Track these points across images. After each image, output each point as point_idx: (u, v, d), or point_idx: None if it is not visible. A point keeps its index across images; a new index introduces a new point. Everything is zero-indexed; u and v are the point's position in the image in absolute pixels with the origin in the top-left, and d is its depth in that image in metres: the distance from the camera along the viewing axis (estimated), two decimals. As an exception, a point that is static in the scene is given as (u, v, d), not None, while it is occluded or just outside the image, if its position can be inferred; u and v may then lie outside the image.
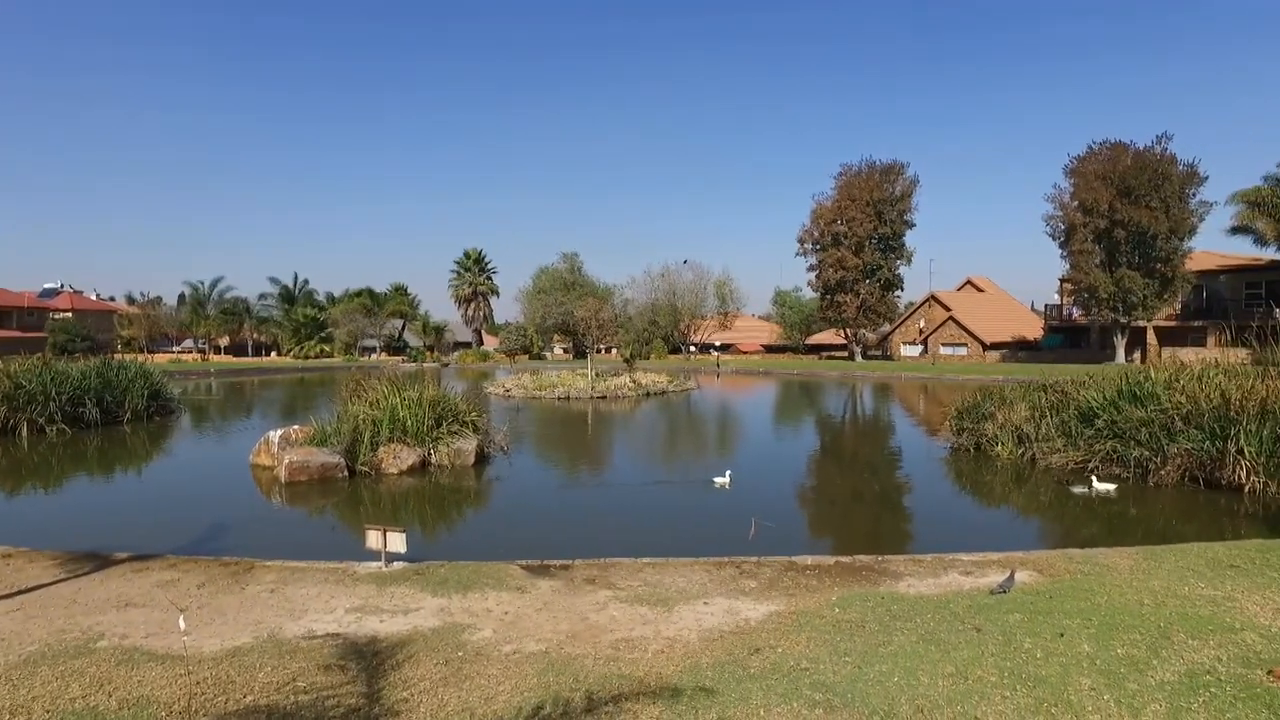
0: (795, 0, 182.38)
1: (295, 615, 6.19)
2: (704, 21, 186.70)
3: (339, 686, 4.71)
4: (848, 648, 5.23)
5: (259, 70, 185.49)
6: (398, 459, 14.19)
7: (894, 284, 59.85)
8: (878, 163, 58.47)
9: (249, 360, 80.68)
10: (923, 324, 66.31)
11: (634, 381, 35.83)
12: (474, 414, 16.48)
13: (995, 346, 60.05)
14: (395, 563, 7.60)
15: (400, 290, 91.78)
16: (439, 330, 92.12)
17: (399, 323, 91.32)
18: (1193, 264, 46.92)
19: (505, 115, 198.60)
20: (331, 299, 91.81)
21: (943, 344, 63.03)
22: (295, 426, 15.22)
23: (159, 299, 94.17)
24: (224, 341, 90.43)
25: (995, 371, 43.77)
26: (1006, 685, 4.57)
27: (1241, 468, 11.53)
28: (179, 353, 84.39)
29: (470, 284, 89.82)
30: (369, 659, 5.18)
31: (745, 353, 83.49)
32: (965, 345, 61.56)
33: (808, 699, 4.43)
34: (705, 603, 6.42)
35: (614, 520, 11.27)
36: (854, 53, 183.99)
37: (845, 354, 65.07)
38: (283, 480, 13.22)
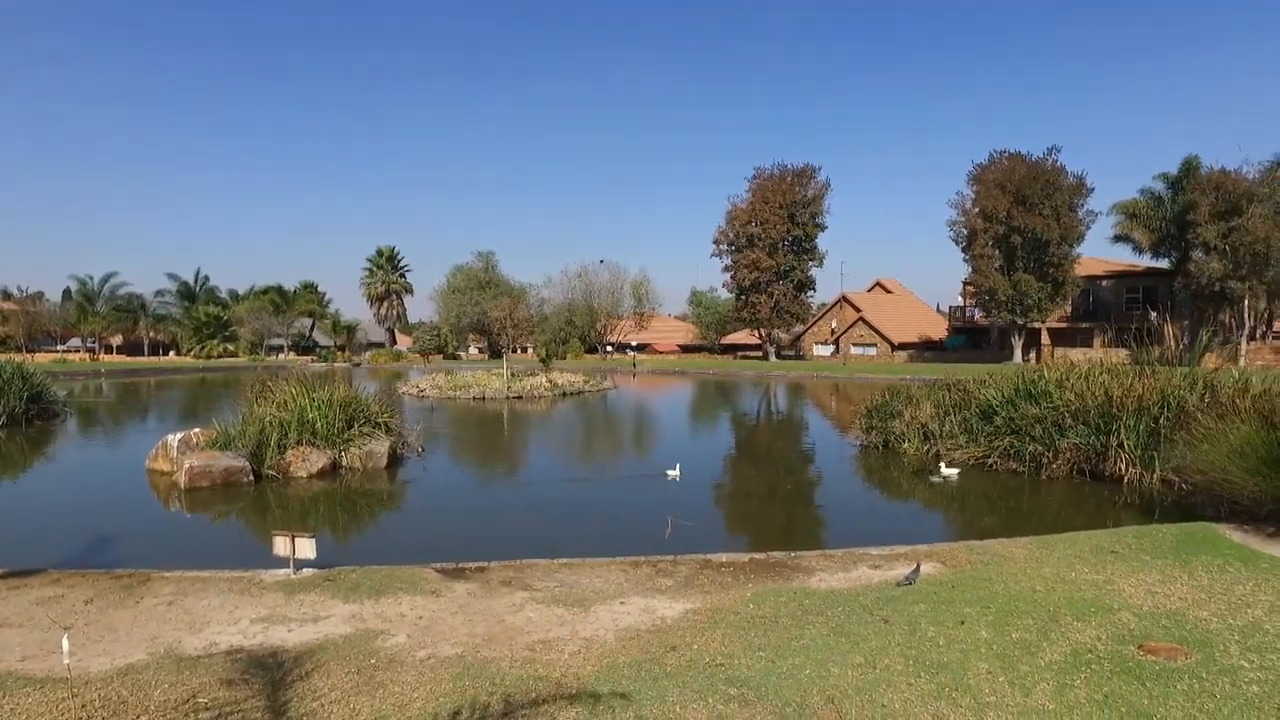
0: (708, 6, 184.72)
1: (196, 628, 5.92)
2: (620, 21, 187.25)
3: (243, 701, 4.53)
4: (761, 642, 5.35)
5: (163, 60, 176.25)
6: (307, 462, 13.74)
7: (806, 285, 61.33)
8: (790, 166, 59.84)
9: (145, 360, 76.66)
10: (834, 324, 68.16)
11: (550, 381, 35.69)
12: (387, 415, 16.14)
13: (903, 346, 62.27)
14: (304, 569, 7.36)
15: (310, 288, 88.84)
16: (350, 329, 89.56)
17: (308, 322, 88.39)
18: (1081, 269, 49.75)
19: (417, 113, 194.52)
20: (236, 296, 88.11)
21: (853, 344, 64.95)
22: (196, 429, 14.52)
23: (40, 294, 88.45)
24: (116, 340, 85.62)
25: (903, 371, 45.40)
26: (911, 672, 4.76)
27: (1122, 460, 12.35)
28: (64, 352, 79.42)
29: (383, 282, 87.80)
30: (276, 670, 5.00)
31: (662, 353, 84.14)
32: (875, 345, 63.60)
33: (723, 694, 4.51)
34: (622, 602, 6.46)
35: (531, 521, 11.20)
36: (770, 59, 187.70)
37: (760, 354, 66.31)
38: (183, 486, 12.61)
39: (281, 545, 7.29)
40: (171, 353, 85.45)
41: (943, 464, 13.52)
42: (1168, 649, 5.01)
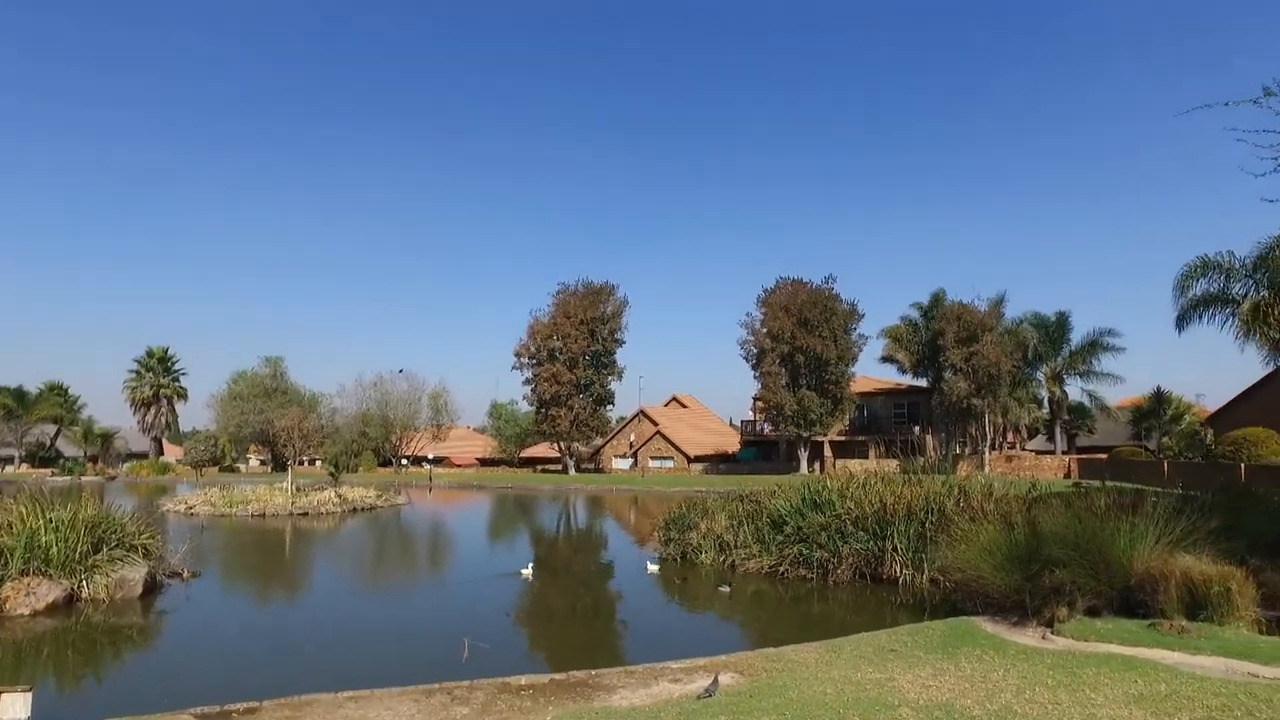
0: (505, 121, 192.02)
1: None
2: (428, 132, 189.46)
3: None
4: (563, 768, 5.08)
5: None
6: (32, 596, 11.73)
7: (606, 399, 62.61)
8: (592, 283, 62.01)
9: None
10: (633, 438, 69.67)
11: (339, 496, 33.47)
12: (146, 536, 14.28)
13: (699, 459, 64.55)
14: (18, 728, 6.15)
15: (57, 390, 78.20)
16: (106, 438, 79.47)
17: (53, 428, 77.58)
18: (856, 387, 54.69)
19: (206, 214, 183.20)
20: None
21: (651, 457, 66.51)
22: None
23: None
24: None
25: (699, 483, 46.87)
26: (713, 788, 4.69)
27: (896, 563, 13.39)
28: None
29: (152, 386, 77.89)
30: None
31: (459, 466, 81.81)
32: (672, 458, 65.48)
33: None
34: (413, 736, 5.93)
35: (313, 651, 10.17)
36: (570, 177, 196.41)
37: (559, 467, 66.15)
38: None
39: (-12, 700, 6.08)
40: None
41: (721, 588, 13.82)
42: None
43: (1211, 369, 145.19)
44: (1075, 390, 52.04)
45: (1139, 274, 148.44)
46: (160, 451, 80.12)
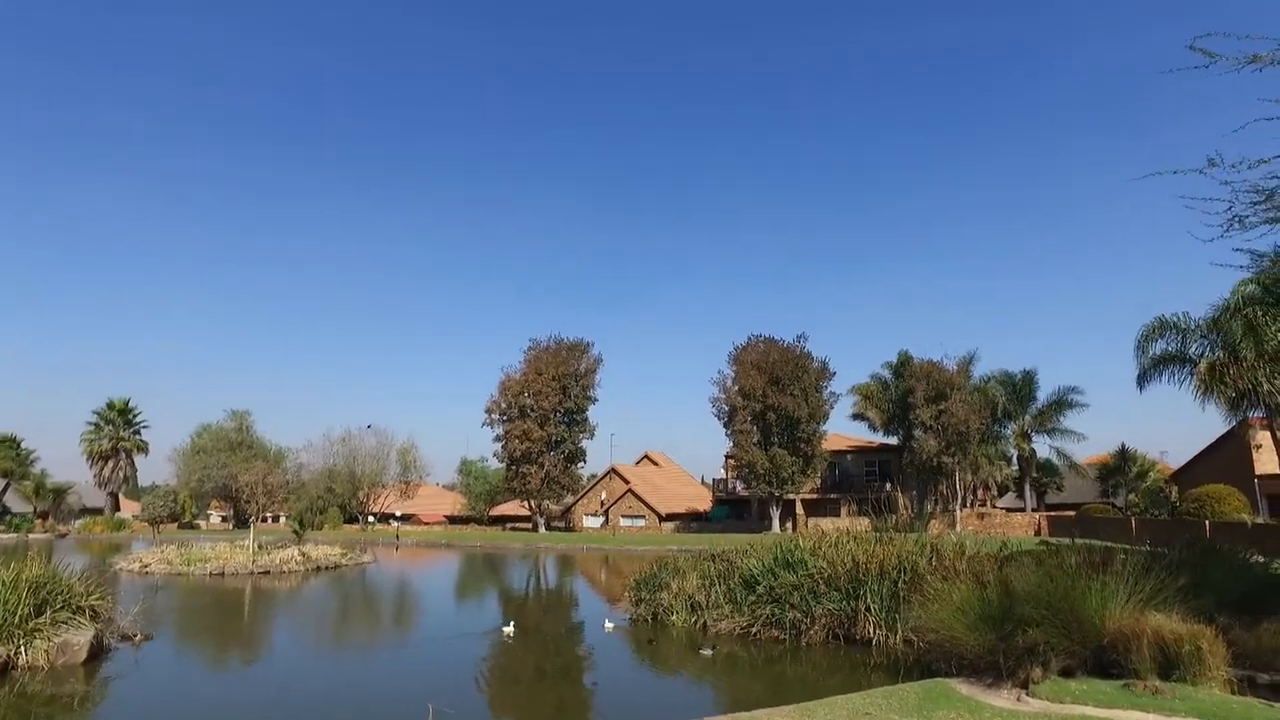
0: (479, 174, 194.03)
1: None
2: (400, 185, 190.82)
3: None
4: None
5: None
6: (-39, 663, 11.11)
7: (577, 456, 62.12)
8: (565, 340, 62.06)
9: None
10: (604, 496, 68.99)
11: (303, 554, 32.60)
12: (95, 597, 13.68)
13: (670, 518, 63.88)
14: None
15: (8, 442, 75.71)
16: (58, 493, 76.89)
17: (1, 483, 74.99)
18: (827, 445, 54.75)
19: (175, 262, 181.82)
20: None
21: (623, 515, 65.77)
22: None
23: None
24: None
25: (670, 542, 46.30)
26: None
27: (869, 623, 13.19)
28: None
29: (111, 439, 75.98)
30: None
31: (427, 524, 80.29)
32: (643, 517, 64.77)
33: None
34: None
35: (270, 717, 9.70)
36: (538, 235, 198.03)
37: (530, 525, 65.19)
38: None
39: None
40: None
41: (702, 650, 13.43)
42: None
43: (1175, 424, 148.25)
44: (1043, 448, 52.67)
45: (1106, 329, 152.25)
46: (116, 507, 77.70)
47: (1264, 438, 37.09)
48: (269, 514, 72.83)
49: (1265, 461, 39.35)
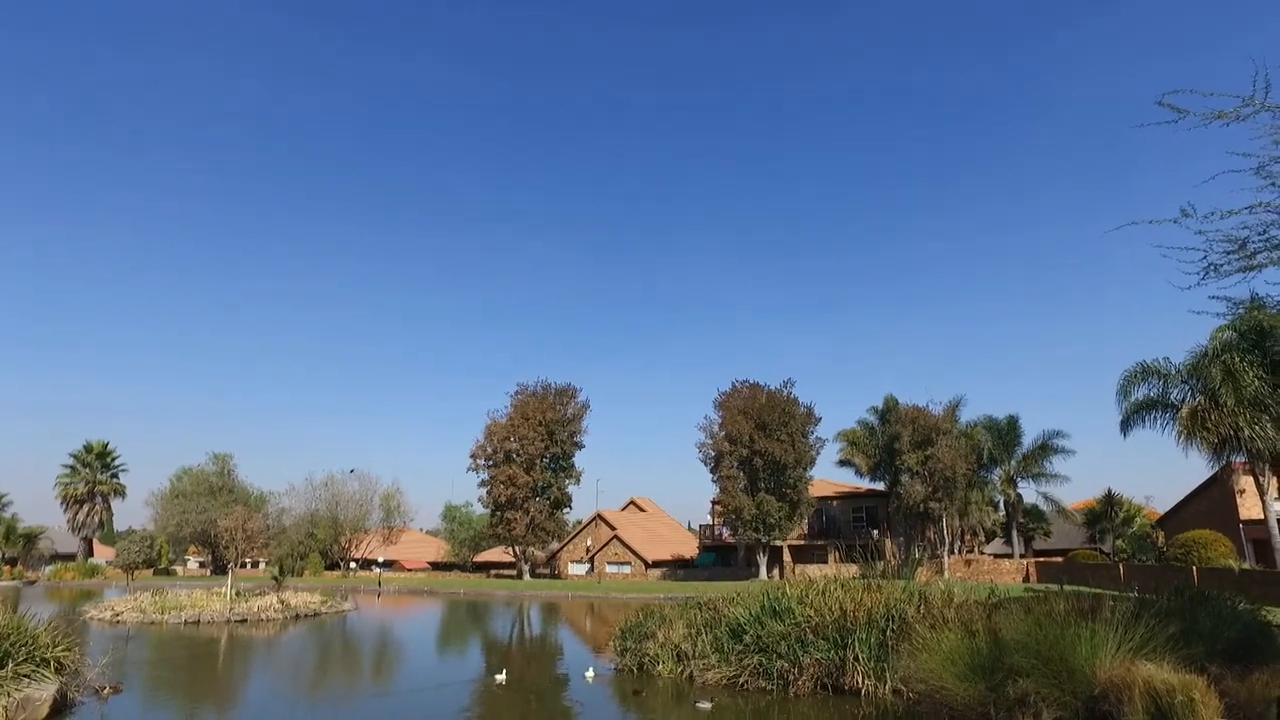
0: (469, 218, 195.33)
1: None
2: (387, 227, 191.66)
3: None
4: None
5: None
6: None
7: (563, 502, 61.51)
8: (552, 385, 61.87)
9: None
10: (590, 542, 68.21)
11: (282, 601, 31.94)
12: (61, 648, 13.26)
13: (657, 564, 63.14)
14: None
15: (-24, 487, 74.30)
16: (29, 538, 75.09)
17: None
18: (814, 490, 54.43)
19: (160, 301, 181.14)
20: None
21: (609, 562, 64.96)
22: None
23: None
24: None
25: (656, 589, 45.71)
26: None
27: (858, 672, 12.96)
28: None
29: (87, 482, 74.35)
30: None
31: (410, 570, 78.99)
32: (629, 564, 64.00)
33: None
34: None
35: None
36: (524, 282, 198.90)
37: (514, 572, 64.22)
38: None
39: None
40: None
41: (700, 704, 13.04)
42: None
43: (1161, 465, 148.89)
44: (1030, 493, 52.61)
45: (1093, 373, 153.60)
46: (90, 553, 75.71)
47: (1247, 482, 37.28)
48: (248, 560, 71.51)
49: (1249, 506, 39.45)
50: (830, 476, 58.85)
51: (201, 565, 76.14)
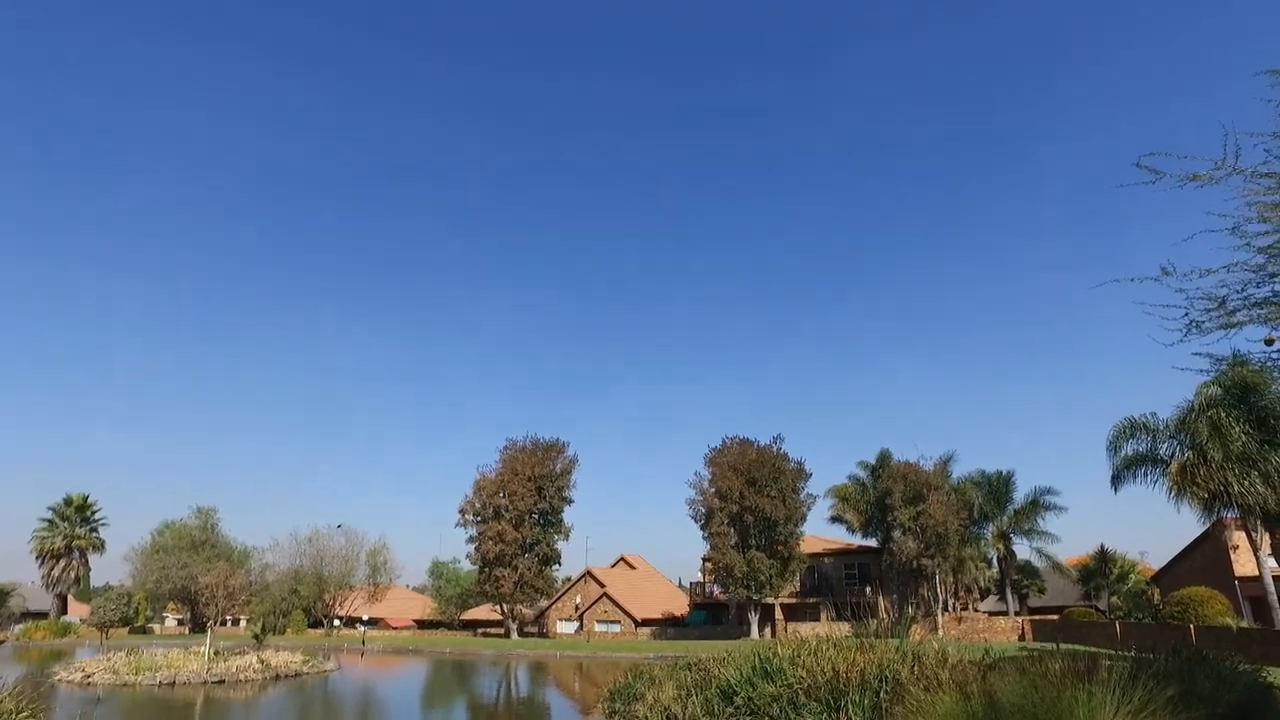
0: (456, 269, 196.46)
1: None
2: (373, 279, 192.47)
3: None
4: None
5: None
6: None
7: (552, 559, 60.59)
8: (541, 440, 61.51)
9: None
10: (579, 600, 67.03)
11: (262, 661, 31.10)
12: (25, 714, 12.85)
13: (647, 623, 61.99)
14: None
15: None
16: (0, 595, 73.17)
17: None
18: (805, 547, 53.87)
19: (151, 355, 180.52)
20: None
21: (598, 620, 63.74)
22: None
23: None
24: None
25: (646, 648, 44.79)
26: None
27: (852, 737, 12.61)
28: None
29: (65, 536, 72.01)
30: None
31: (396, 628, 77.29)
32: (619, 622, 62.80)
33: None
34: None
35: None
36: (507, 340, 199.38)
37: (502, 630, 62.92)
38: None
39: None
40: None
41: None
42: None
43: (1153, 519, 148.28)
44: (1023, 549, 52.21)
45: (1082, 426, 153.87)
46: (63, 610, 73.33)
47: (1240, 538, 37.15)
48: (229, 617, 69.84)
49: (1244, 563, 39.23)
50: (822, 533, 58.34)
51: (180, 623, 74.30)
